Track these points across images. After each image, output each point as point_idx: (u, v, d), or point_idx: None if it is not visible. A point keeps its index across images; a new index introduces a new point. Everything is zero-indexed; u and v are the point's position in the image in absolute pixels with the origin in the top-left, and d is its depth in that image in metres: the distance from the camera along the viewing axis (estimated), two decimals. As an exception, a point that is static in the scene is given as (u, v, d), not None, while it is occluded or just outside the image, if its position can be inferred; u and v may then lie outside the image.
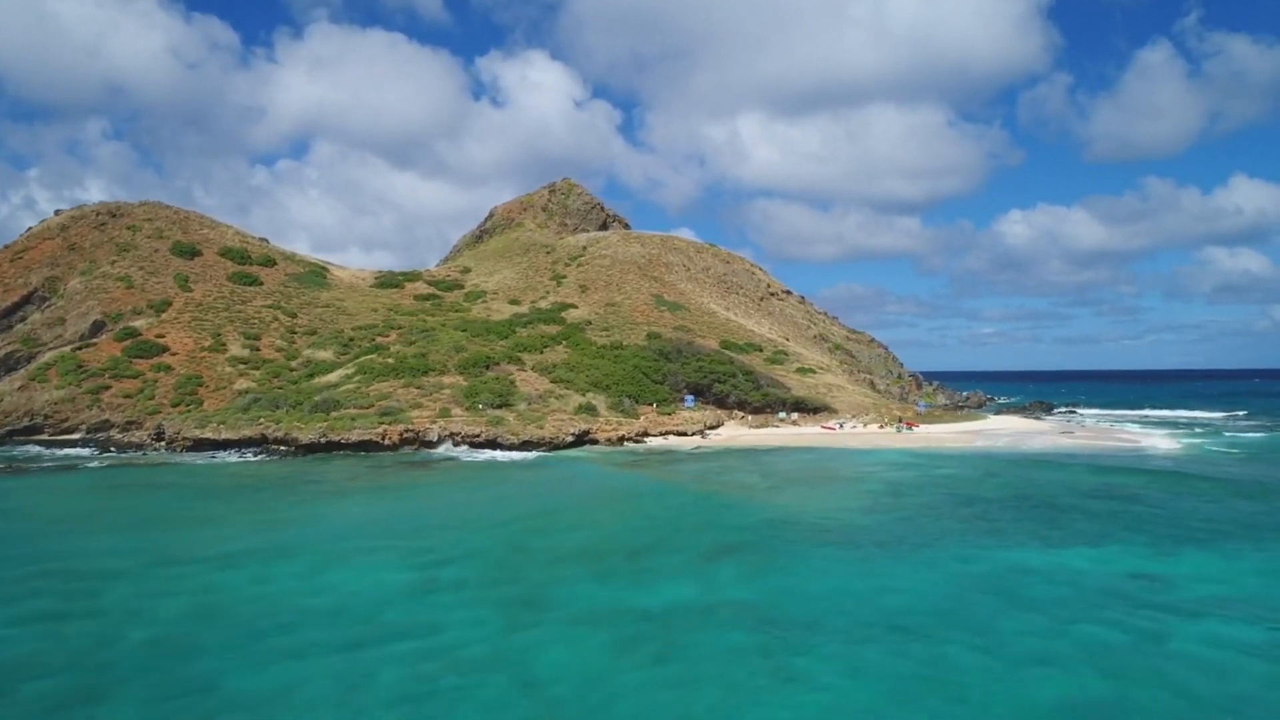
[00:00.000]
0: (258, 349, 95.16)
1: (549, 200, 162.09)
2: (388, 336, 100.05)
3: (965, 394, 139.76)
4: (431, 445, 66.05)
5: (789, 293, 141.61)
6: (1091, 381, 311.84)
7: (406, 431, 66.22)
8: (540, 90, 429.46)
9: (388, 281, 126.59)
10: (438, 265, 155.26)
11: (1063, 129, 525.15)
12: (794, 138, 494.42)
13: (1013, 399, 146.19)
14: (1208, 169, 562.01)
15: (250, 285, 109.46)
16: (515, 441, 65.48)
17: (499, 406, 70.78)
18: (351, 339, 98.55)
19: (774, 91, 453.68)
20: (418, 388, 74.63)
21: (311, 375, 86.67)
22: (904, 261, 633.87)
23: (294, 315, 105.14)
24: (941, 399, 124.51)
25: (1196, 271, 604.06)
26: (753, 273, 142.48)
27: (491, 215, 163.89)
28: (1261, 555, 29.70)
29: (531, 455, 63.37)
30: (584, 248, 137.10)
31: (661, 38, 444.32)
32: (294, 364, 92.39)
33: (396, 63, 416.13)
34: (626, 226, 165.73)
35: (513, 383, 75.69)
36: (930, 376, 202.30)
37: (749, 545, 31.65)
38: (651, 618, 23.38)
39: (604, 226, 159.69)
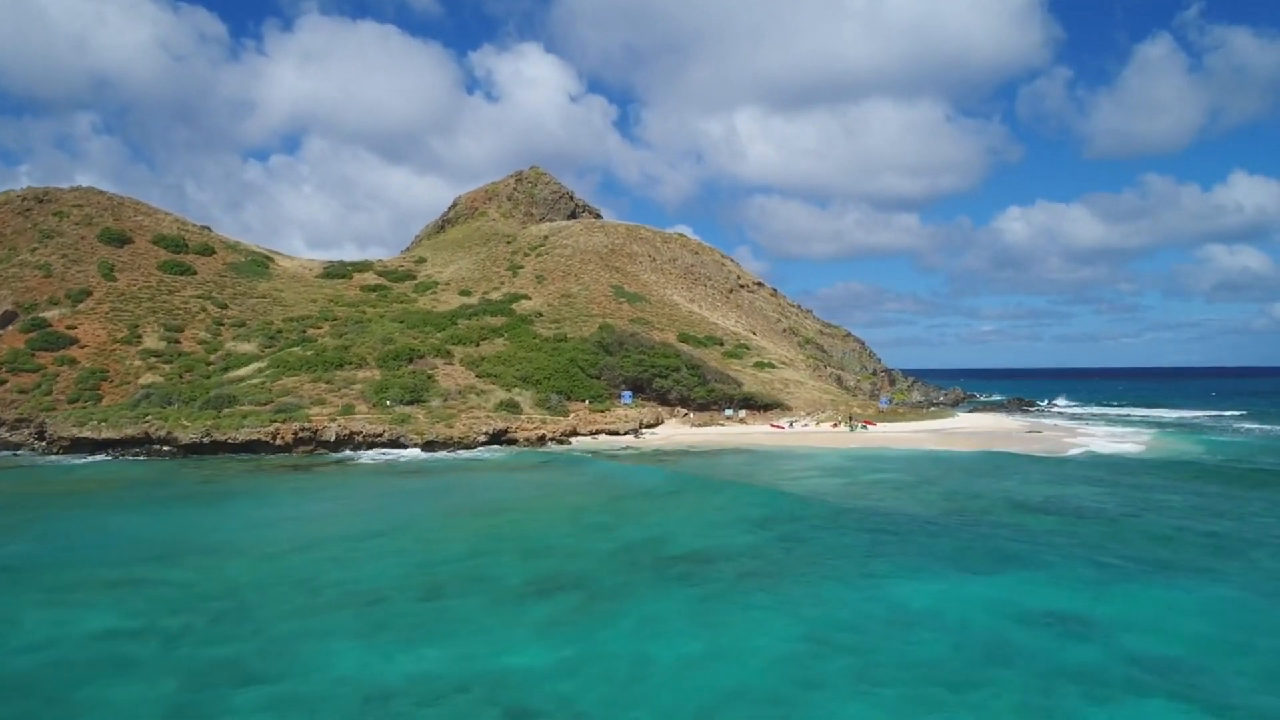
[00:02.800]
0: (178, 341, 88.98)
1: (515, 189, 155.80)
2: (320, 329, 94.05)
3: (945, 391, 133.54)
4: (329, 445, 59.93)
5: (760, 285, 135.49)
6: (1090, 379, 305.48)
7: (302, 430, 60.04)
8: (534, 85, 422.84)
9: (336, 272, 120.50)
10: (397, 255, 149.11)
11: (1062, 125, 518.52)
12: (791, 133, 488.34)
13: (996, 396, 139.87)
14: (1208, 166, 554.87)
15: (182, 275, 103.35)
16: (419, 442, 59.32)
17: (410, 403, 64.63)
18: (280, 331, 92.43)
19: (770, 86, 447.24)
20: (327, 383, 68.53)
21: (227, 369, 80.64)
22: (902, 259, 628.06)
23: (224, 306, 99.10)
24: (916, 395, 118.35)
25: (1195, 269, 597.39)
26: (723, 264, 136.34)
27: (455, 205, 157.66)
28: (1214, 594, 23.47)
29: (435, 456, 57.25)
30: (545, 237, 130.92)
31: (656, 30, 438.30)
32: (213, 358, 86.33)
33: (388, 56, 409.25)
34: (598, 217, 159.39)
35: (431, 377, 69.51)
36: (928, 375, 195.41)
37: (583, 581, 25.47)
38: (374, 699, 17.26)
39: (573, 216, 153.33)
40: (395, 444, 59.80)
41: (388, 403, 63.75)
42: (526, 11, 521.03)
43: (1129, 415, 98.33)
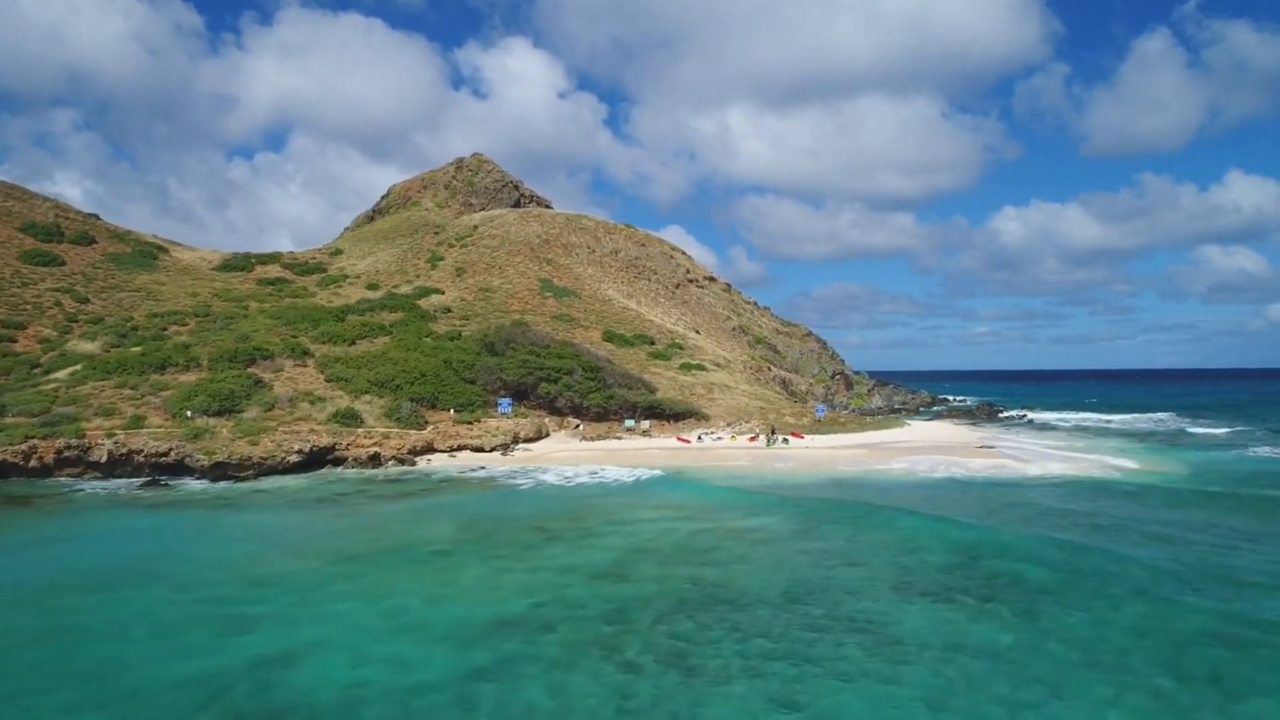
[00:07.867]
0: (14, 340, 77.01)
1: (454, 177, 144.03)
2: (186, 325, 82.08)
3: (914, 394, 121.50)
4: (101, 467, 47.95)
5: (712, 280, 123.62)
6: (1082, 381, 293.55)
7: (67, 449, 48.06)
8: (522, 81, 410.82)
9: (235, 264, 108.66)
10: (320, 248, 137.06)
11: (1060, 122, 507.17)
12: (784, 131, 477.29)
13: (966, 401, 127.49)
14: (1205, 165, 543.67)
15: (46, 265, 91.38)
16: (206, 464, 47.23)
17: (219, 413, 52.56)
18: (136, 328, 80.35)
19: (763, 82, 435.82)
20: (131, 388, 56.49)
21: (49, 372, 68.60)
22: (898, 260, 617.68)
23: (85, 301, 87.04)
24: (878, 400, 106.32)
25: (1191, 271, 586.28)
26: (671, 257, 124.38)
27: (388, 194, 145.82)
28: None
29: (215, 486, 45.27)
30: (475, 227, 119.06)
31: (645, 24, 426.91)
32: (45, 359, 74.27)
33: (372, 50, 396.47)
34: (548, 207, 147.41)
35: (259, 382, 57.44)
36: (921, 377, 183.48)
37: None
38: None
39: (517, 206, 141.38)
40: (181, 466, 47.78)
41: (188, 414, 51.68)
42: (512, 4, 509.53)
43: (1108, 423, 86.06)
